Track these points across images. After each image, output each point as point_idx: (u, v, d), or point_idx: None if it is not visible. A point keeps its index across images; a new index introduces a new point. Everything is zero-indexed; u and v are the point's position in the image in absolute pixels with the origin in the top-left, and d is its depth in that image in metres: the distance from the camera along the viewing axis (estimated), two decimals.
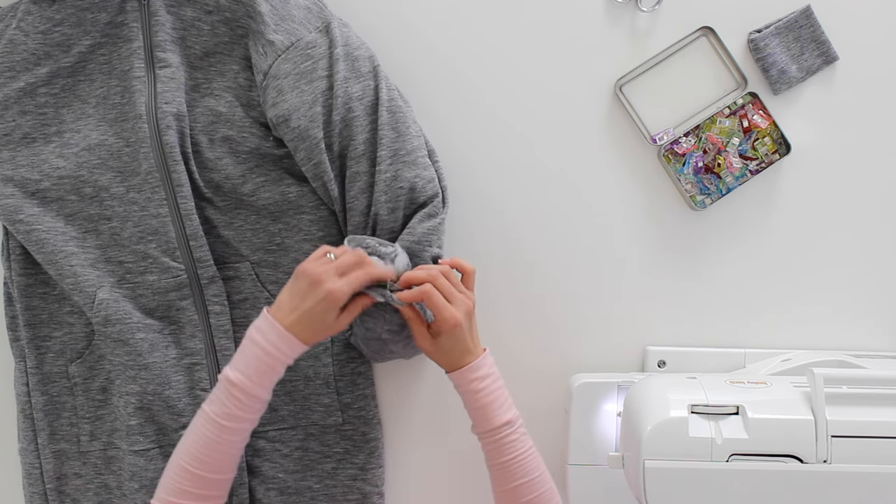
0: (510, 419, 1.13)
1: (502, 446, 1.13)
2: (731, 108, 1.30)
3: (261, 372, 1.07)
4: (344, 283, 1.08)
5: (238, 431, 1.09)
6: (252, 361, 1.08)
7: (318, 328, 1.09)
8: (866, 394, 1.10)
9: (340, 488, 1.30)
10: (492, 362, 1.15)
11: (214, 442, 1.07)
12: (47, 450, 1.29)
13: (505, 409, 1.13)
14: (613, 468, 1.18)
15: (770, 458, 1.08)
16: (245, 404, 1.07)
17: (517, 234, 1.33)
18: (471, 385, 1.13)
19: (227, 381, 1.07)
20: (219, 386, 1.09)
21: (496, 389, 1.14)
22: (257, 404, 1.09)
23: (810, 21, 1.29)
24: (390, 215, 1.21)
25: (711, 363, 1.33)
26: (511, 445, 1.13)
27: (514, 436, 1.13)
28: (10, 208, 1.22)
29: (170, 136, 1.19)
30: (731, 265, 1.34)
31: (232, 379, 1.07)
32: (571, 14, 1.30)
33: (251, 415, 1.09)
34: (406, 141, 1.21)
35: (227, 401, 1.07)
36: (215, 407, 1.08)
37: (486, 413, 1.13)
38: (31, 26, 1.22)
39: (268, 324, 1.08)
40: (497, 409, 1.13)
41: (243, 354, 1.08)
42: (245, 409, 1.08)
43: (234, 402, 1.07)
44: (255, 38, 1.20)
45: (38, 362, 1.28)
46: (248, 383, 1.07)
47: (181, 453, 1.09)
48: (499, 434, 1.13)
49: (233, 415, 1.07)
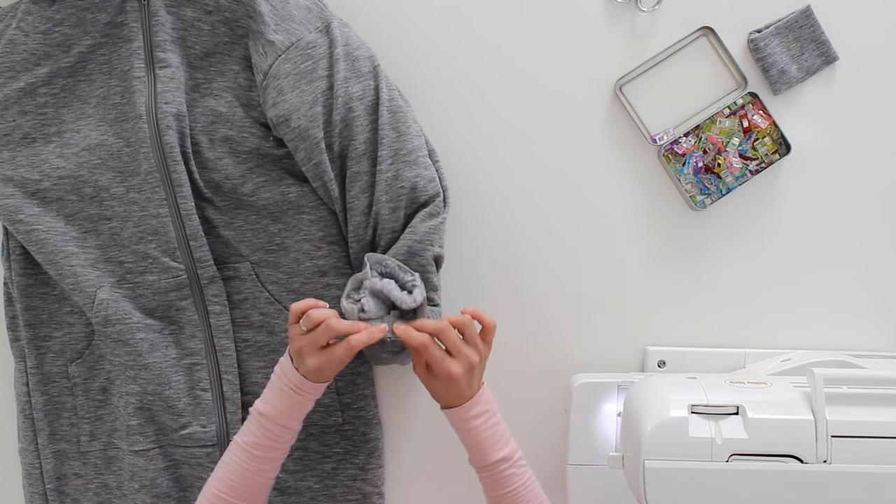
0: (506, 455, 1.12)
1: (498, 480, 1.12)
2: (731, 108, 1.30)
3: (289, 406, 1.12)
4: (324, 359, 1.08)
5: (269, 461, 1.13)
6: (280, 396, 1.12)
7: (326, 377, 1.12)
8: (866, 394, 1.10)
9: (340, 488, 1.30)
10: (488, 398, 1.13)
11: (247, 471, 1.11)
12: (47, 450, 1.29)
13: (501, 445, 1.12)
14: (613, 468, 1.18)
15: (770, 458, 1.08)
16: (276, 435, 1.12)
17: (517, 233, 1.33)
18: (464, 423, 1.13)
19: (259, 413, 1.12)
20: (250, 418, 1.13)
21: (492, 426, 1.12)
22: (287, 434, 1.13)
23: (810, 21, 1.29)
24: (391, 215, 1.21)
25: (711, 363, 1.33)
26: (508, 480, 1.12)
27: (511, 470, 1.12)
28: (10, 208, 1.22)
29: (170, 136, 1.19)
30: (731, 265, 1.34)
31: (263, 412, 1.12)
32: (571, 14, 1.30)
33: (282, 444, 1.13)
34: (407, 140, 1.21)
35: (258, 432, 1.12)
36: (247, 437, 1.12)
37: (480, 450, 1.12)
38: (31, 26, 1.22)
39: (288, 365, 1.12)
40: (492, 445, 1.12)
41: (272, 389, 1.13)
42: (276, 440, 1.12)
43: (266, 432, 1.11)
44: (256, 38, 1.20)
45: (38, 362, 1.28)
46: (277, 415, 1.11)
47: (214, 483, 1.13)
48: (495, 469, 1.12)
49: (264, 445, 1.12)
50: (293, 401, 1.11)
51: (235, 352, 1.26)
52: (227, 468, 1.12)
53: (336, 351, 1.08)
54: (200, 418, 1.25)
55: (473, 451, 1.13)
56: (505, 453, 1.12)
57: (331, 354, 1.08)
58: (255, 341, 1.27)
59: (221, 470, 1.13)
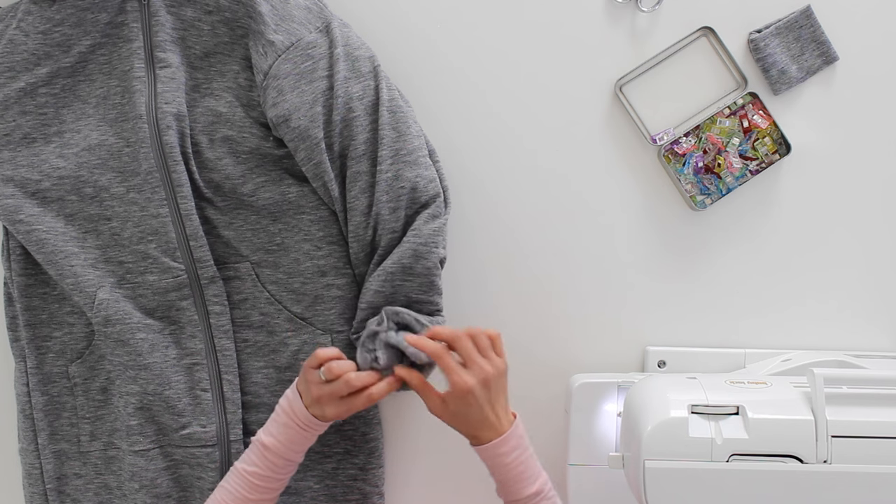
0: (538, 489, 1.09)
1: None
2: (731, 108, 1.30)
3: (293, 440, 1.13)
4: (344, 409, 1.11)
5: (268, 490, 1.14)
6: (284, 430, 1.13)
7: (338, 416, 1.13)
8: (866, 394, 1.10)
9: (340, 488, 1.30)
10: (521, 433, 1.10)
11: (246, 499, 1.13)
12: (47, 450, 1.29)
13: (532, 480, 1.09)
14: (613, 468, 1.18)
15: (770, 458, 1.08)
16: (278, 466, 1.13)
17: (517, 234, 1.33)
18: (497, 459, 1.10)
19: (262, 445, 1.13)
20: (252, 448, 1.14)
21: (524, 461, 1.09)
22: (289, 466, 1.14)
23: (810, 21, 1.29)
24: (392, 215, 1.21)
25: (711, 363, 1.33)
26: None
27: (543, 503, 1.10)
28: (10, 208, 1.22)
29: (170, 136, 1.19)
30: (732, 265, 1.34)
31: (266, 443, 1.12)
32: (571, 14, 1.30)
33: (283, 475, 1.14)
34: (407, 141, 1.21)
35: (260, 462, 1.13)
36: (248, 467, 1.13)
37: (512, 486, 1.10)
38: (32, 26, 1.22)
39: (296, 400, 1.12)
40: (524, 480, 1.09)
41: (276, 421, 1.14)
42: (277, 471, 1.13)
43: (268, 464, 1.12)
44: (256, 39, 1.20)
45: (38, 362, 1.28)
46: (281, 448, 1.12)
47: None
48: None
49: (265, 476, 1.13)
50: (298, 435, 1.13)
51: (235, 352, 1.26)
52: (226, 495, 1.13)
53: (356, 402, 1.10)
54: (200, 418, 1.25)
55: (504, 487, 1.11)
56: (536, 488, 1.09)
57: (351, 405, 1.10)
58: (255, 341, 1.27)
59: (220, 495, 1.14)
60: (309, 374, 1.12)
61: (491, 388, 1.08)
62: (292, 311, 1.26)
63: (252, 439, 1.14)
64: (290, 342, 1.25)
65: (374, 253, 1.24)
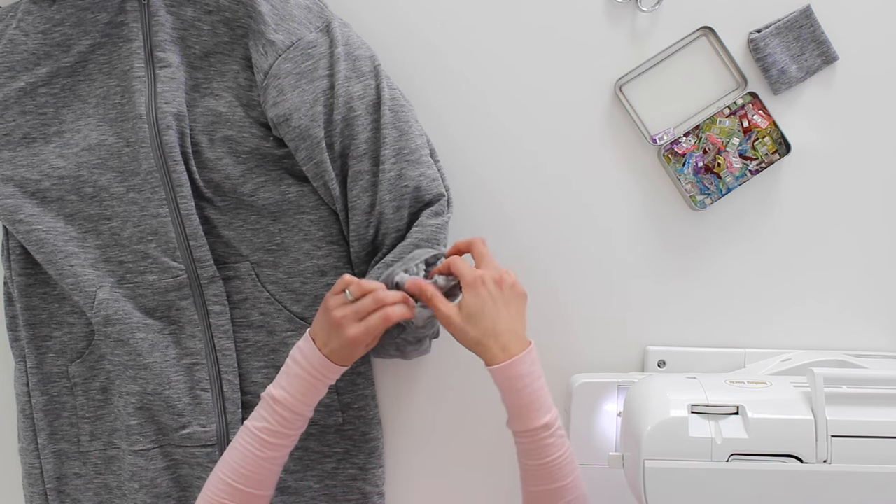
0: (547, 422, 1.09)
1: (534, 449, 1.09)
2: (731, 108, 1.30)
3: (304, 391, 1.11)
4: (363, 329, 1.09)
5: (280, 447, 1.12)
6: (295, 381, 1.11)
7: (353, 357, 1.12)
8: (866, 394, 1.10)
9: (340, 488, 1.30)
10: (534, 359, 1.10)
11: (257, 457, 1.11)
12: (47, 450, 1.29)
13: (543, 412, 1.09)
14: (613, 468, 1.18)
15: (770, 458, 1.08)
16: (288, 421, 1.11)
17: (517, 234, 1.33)
18: (509, 383, 1.09)
19: (272, 398, 1.11)
20: (262, 403, 1.12)
21: (536, 390, 1.09)
22: (299, 421, 1.13)
23: (810, 21, 1.29)
24: (395, 214, 1.21)
25: (711, 363, 1.33)
26: (544, 450, 1.09)
27: (550, 440, 1.09)
28: (10, 208, 1.22)
29: (170, 136, 1.19)
30: (731, 265, 1.33)
31: (276, 396, 1.11)
32: (571, 14, 1.30)
33: (294, 431, 1.13)
34: (409, 140, 1.21)
35: (270, 417, 1.11)
36: (259, 423, 1.12)
37: (521, 414, 1.09)
38: (31, 26, 1.22)
39: (309, 347, 1.11)
40: (535, 411, 1.09)
41: (287, 374, 1.12)
42: (288, 426, 1.11)
43: (278, 418, 1.11)
44: (256, 38, 1.20)
45: (38, 362, 1.28)
46: (291, 400, 1.11)
47: (222, 467, 1.12)
48: (533, 437, 1.09)
49: (276, 431, 1.11)
50: (309, 386, 1.11)
51: (235, 352, 1.26)
52: (237, 454, 1.12)
53: (373, 320, 1.09)
54: (200, 418, 1.25)
55: (514, 415, 1.10)
56: (546, 420, 1.08)
57: (369, 323, 1.09)
58: (255, 341, 1.27)
59: (230, 455, 1.12)
60: (331, 301, 1.11)
61: (504, 290, 1.11)
62: (292, 311, 1.26)
63: (262, 394, 1.13)
64: (290, 342, 1.25)
65: (376, 252, 1.24)
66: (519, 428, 1.10)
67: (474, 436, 1.34)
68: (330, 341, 1.10)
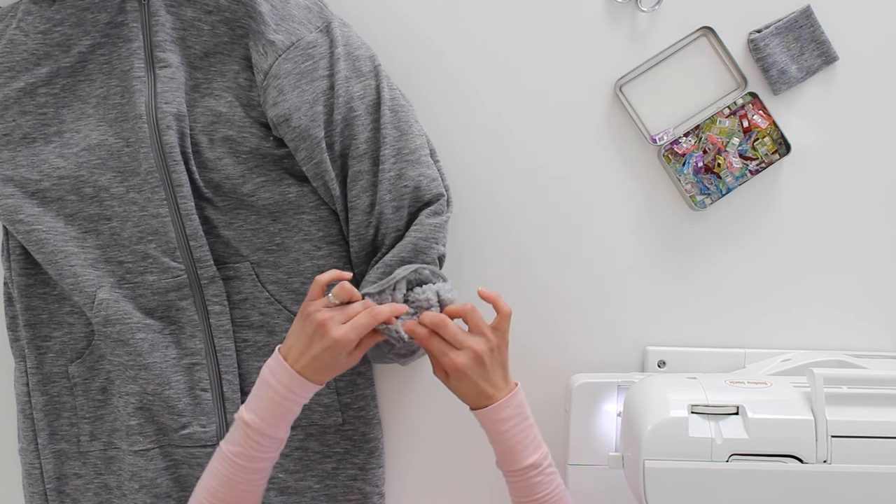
0: (534, 462, 1.09)
1: (524, 488, 1.10)
2: (731, 108, 1.30)
3: (276, 414, 1.08)
4: (350, 329, 1.06)
5: (256, 470, 1.09)
6: (266, 404, 1.07)
7: (330, 370, 1.08)
8: (866, 394, 1.10)
9: (340, 488, 1.30)
10: (519, 402, 1.10)
11: (233, 481, 1.08)
12: (47, 450, 1.29)
13: (531, 451, 1.09)
14: (613, 468, 1.18)
15: (770, 458, 1.08)
16: (262, 445, 1.08)
17: (517, 234, 1.33)
18: (494, 426, 1.10)
19: (243, 422, 1.08)
20: (235, 426, 1.09)
21: (522, 430, 1.09)
22: (274, 444, 1.09)
23: (810, 21, 1.29)
24: (395, 214, 1.21)
25: (711, 363, 1.33)
26: (534, 488, 1.09)
27: (538, 478, 1.09)
28: (10, 208, 1.22)
29: (170, 136, 1.19)
30: (731, 265, 1.34)
31: (247, 421, 1.07)
32: (571, 14, 1.30)
33: (269, 454, 1.09)
34: (409, 140, 1.21)
35: (243, 442, 1.07)
36: (233, 447, 1.08)
37: (509, 455, 1.10)
38: (31, 26, 1.22)
39: (280, 366, 1.07)
40: (522, 451, 1.09)
41: (258, 396, 1.08)
42: (262, 450, 1.08)
43: (251, 443, 1.07)
44: (256, 38, 1.20)
45: (38, 362, 1.28)
46: (263, 425, 1.07)
47: (201, 490, 1.10)
48: (522, 476, 1.09)
49: (250, 455, 1.08)
50: (280, 408, 1.07)
51: (235, 352, 1.26)
52: (214, 479, 1.09)
53: (360, 319, 1.06)
54: (200, 418, 1.25)
55: (502, 455, 1.11)
56: (534, 460, 1.09)
57: (356, 322, 1.05)
58: (255, 341, 1.27)
59: (208, 480, 1.10)
60: (311, 307, 1.08)
61: (486, 363, 1.08)
62: (292, 311, 1.26)
63: (235, 415, 1.09)
64: None
65: (376, 252, 1.24)
66: (507, 468, 1.11)
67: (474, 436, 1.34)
68: (309, 350, 1.06)
